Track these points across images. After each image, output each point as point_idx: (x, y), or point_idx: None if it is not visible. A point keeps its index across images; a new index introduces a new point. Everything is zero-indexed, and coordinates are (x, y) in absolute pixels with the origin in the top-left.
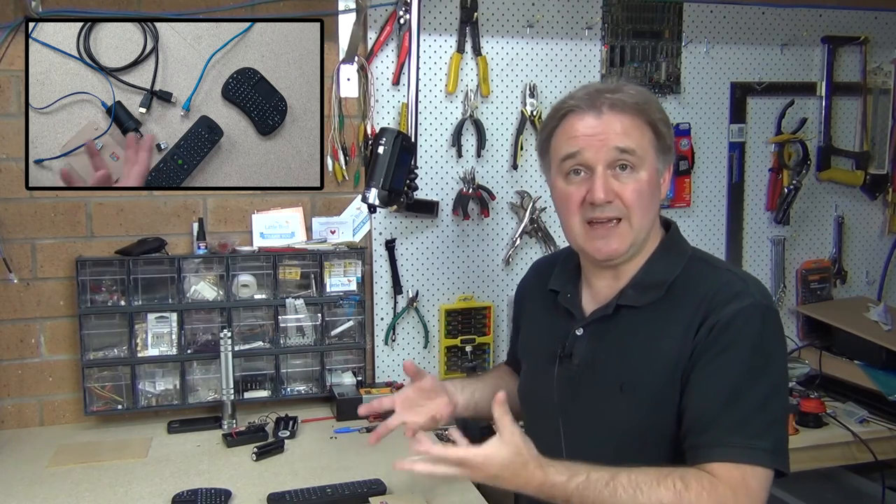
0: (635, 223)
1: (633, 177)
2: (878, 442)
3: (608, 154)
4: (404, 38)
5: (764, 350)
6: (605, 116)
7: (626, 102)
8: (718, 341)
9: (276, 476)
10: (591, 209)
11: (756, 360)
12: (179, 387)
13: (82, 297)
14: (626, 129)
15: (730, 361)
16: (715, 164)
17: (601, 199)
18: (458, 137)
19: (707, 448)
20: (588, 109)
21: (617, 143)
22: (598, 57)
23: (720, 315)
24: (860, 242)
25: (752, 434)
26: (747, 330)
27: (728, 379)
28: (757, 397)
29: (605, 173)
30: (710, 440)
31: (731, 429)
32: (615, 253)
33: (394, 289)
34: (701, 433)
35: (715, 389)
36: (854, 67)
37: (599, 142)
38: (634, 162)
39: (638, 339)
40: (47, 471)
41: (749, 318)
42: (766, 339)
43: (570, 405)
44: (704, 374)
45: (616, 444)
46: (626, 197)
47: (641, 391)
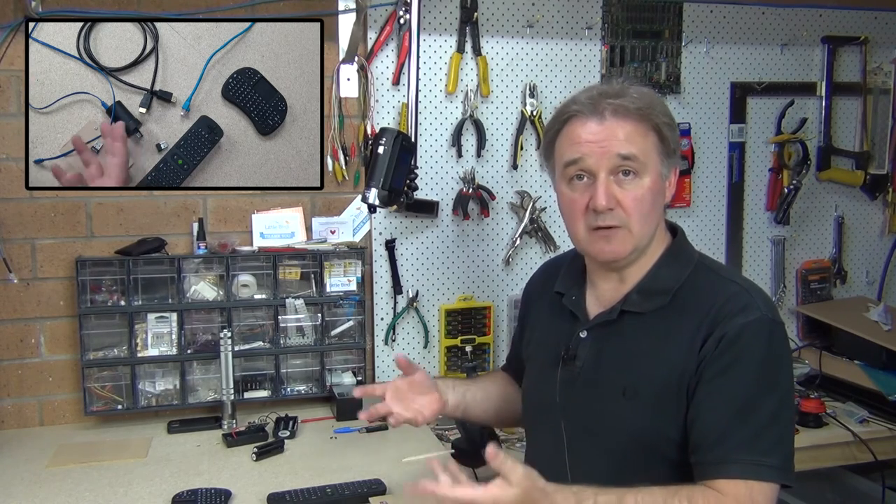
0: (635, 230)
1: (635, 183)
2: (878, 442)
3: (611, 161)
4: (404, 38)
5: (772, 364)
6: (607, 122)
7: (628, 108)
8: (726, 355)
9: (276, 476)
10: (595, 217)
11: (765, 375)
12: (179, 387)
13: (82, 297)
14: (628, 136)
15: (738, 376)
16: (715, 164)
17: (603, 207)
18: (458, 137)
19: (716, 465)
20: (591, 115)
21: (619, 149)
22: (598, 57)
23: (727, 328)
24: (860, 242)
25: (762, 451)
26: (755, 344)
27: (737, 394)
28: (766, 413)
29: (608, 180)
30: (720, 457)
31: (740, 446)
32: (617, 255)
33: (394, 289)
34: (710, 449)
35: (723, 404)
36: (854, 67)
37: (602, 149)
38: (637, 168)
39: (642, 345)
40: (47, 471)
41: (757, 332)
42: (774, 353)
43: (572, 407)
44: (712, 389)
45: (617, 448)
46: (627, 204)
47: (644, 397)
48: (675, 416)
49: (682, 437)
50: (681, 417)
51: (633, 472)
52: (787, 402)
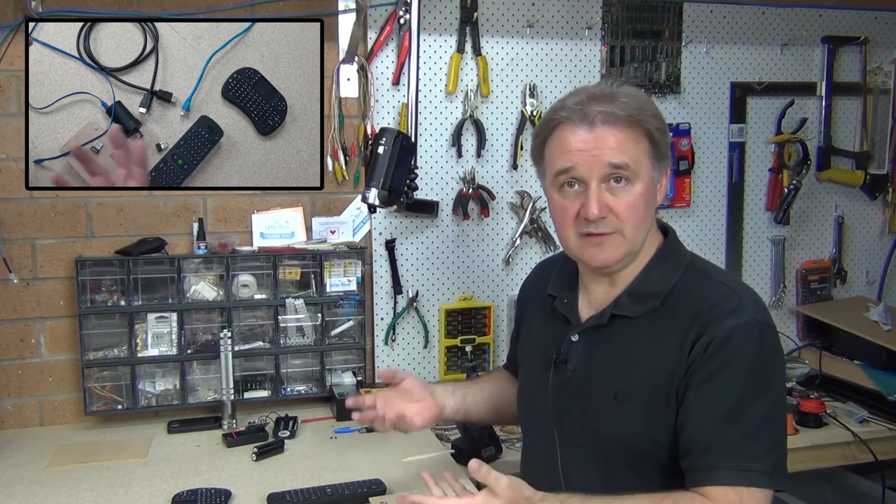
0: (629, 235)
1: (627, 190)
2: (878, 442)
3: (602, 170)
4: (404, 38)
5: (762, 368)
6: (597, 130)
7: (618, 115)
8: (714, 359)
9: (276, 476)
10: (586, 224)
11: (754, 378)
12: (179, 387)
13: (82, 297)
14: (619, 144)
15: (727, 380)
16: (715, 164)
17: (595, 216)
18: (458, 137)
19: (705, 472)
20: (580, 122)
21: (611, 158)
22: (598, 57)
23: (716, 332)
24: (860, 242)
25: (752, 456)
26: (744, 347)
27: (726, 398)
28: (756, 417)
29: (600, 188)
30: (709, 463)
31: (729, 452)
32: (609, 260)
33: (394, 289)
34: (699, 456)
35: (712, 409)
36: (854, 67)
37: (593, 157)
38: (628, 176)
39: (633, 349)
40: (47, 471)
41: (746, 335)
42: (764, 356)
43: (564, 411)
44: (702, 393)
45: (608, 452)
46: (620, 212)
47: (636, 401)
48: (666, 421)
49: (671, 441)
50: (671, 422)
51: (624, 476)
52: (779, 405)
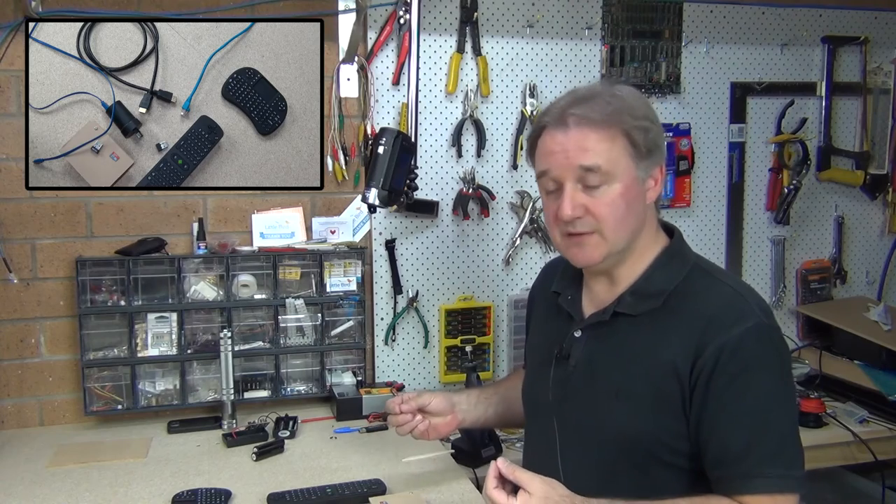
0: (609, 235)
1: (603, 190)
2: (878, 442)
3: (574, 172)
4: (404, 38)
5: (781, 372)
6: (570, 132)
7: (592, 118)
8: (730, 366)
9: (276, 476)
10: (565, 224)
11: (777, 384)
12: (179, 387)
13: (82, 297)
14: (591, 145)
15: (750, 386)
16: (715, 164)
17: (568, 216)
18: (458, 137)
19: (741, 480)
20: (557, 126)
21: (582, 161)
22: (598, 57)
23: (726, 337)
24: (860, 242)
25: (786, 463)
26: (761, 353)
27: (753, 405)
28: (786, 423)
29: (574, 189)
30: (746, 471)
31: (767, 459)
32: (591, 260)
33: (394, 289)
34: (733, 464)
35: (742, 417)
36: (854, 67)
37: (565, 160)
38: (600, 179)
39: (636, 347)
40: (47, 471)
41: (757, 340)
42: (780, 360)
43: (565, 406)
44: (726, 401)
45: (607, 447)
46: (598, 212)
47: (637, 399)
48: (667, 418)
49: (672, 439)
50: (672, 420)
51: (623, 472)
52: (796, 407)
